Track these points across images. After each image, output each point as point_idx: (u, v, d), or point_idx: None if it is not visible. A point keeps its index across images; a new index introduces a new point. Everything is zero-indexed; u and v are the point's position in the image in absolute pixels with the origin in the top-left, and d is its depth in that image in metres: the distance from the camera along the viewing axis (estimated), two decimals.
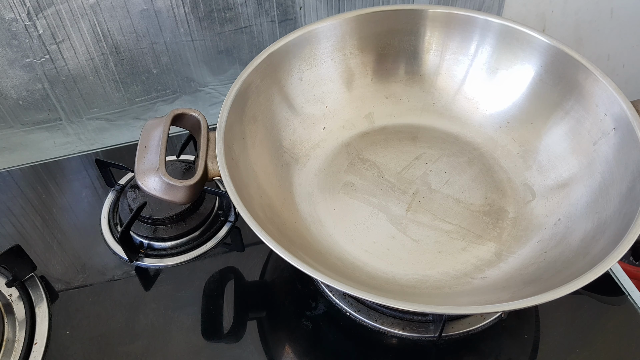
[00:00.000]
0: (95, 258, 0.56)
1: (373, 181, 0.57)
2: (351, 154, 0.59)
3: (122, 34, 0.62)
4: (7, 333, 0.49)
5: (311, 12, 0.67)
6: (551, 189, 0.53)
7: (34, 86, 0.63)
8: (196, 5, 0.62)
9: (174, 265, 0.55)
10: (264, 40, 0.68)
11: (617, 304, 0.52)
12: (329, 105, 0.60)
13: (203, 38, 0.65)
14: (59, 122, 0.68)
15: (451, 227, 0.52)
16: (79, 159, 0.67)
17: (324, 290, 0.52)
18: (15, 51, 0.59)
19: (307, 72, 0.58)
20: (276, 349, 0.50)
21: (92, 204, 0.61)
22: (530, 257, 0.49)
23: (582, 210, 0.49)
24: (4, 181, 0.65)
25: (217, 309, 0.52)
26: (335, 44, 0.58)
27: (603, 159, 0.49)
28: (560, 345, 0.49)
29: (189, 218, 0.57)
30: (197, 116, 0.48)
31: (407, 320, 0.49)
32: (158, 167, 0.43)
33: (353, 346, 0.49)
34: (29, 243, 0.58)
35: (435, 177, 0.57)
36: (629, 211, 0.42)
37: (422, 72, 0.61)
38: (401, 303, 0.36)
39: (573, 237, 0.47)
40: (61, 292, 0.53)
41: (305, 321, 0.51)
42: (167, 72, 0.68)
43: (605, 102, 0.49)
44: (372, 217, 0.53)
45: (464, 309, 0.42)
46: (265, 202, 0.49)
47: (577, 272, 0.38)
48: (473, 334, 0.49)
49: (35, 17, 0.57)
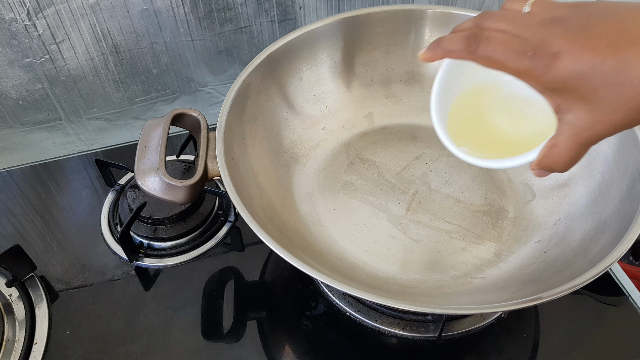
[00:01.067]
0: (95, 258, 0.56)
1: (373, 181, 0.57)
2: (351, 154, 0.59)
3: (122, 34, 0.62)
4: (7, 333, 0.49)
5: (311, 12, 0.67)
6: (551, 188, 0.53)
7: (34, 86, 0.63)
8: (196, 5, 0.62)
9: (174, 265, 0.55)
10: (263, 40, 0.68)
11: (617, 304, 0.52)
12: (329, 105, 0.60)
13: (203, 38, 0.65)
14: (59, 122, 0.68)
15: (451, 227, 0.52)
16: (78, 159, 0.67)
17: (324, 290, 0.52)
18: (15, 51, 0.59)
19: (307, 72, 0.58)
20: (276, 349, 0.50)
21: (92, 204, 0.61)
22: (530, 257, 0.49)
23: (582, 210, 0.49)
24: (4, 181, 0.65)
25: (217, 308, 0.52)
26: (335, 44, 0.58)
27: (603, 159, 0.49)
28: (560, 345, 0.49)
29: (189, 218, 0.57)
30: (197, 116, 0.48)
31: (407, 320, 0.49)
32: (158, 167, 0.43)
33: (353, 346, 0.49)
34: (29, 243, 0.58)
35: (435, 177, 0.57)
36: (628, 211, 0.42)
37: (422, 72, 0.61)
38: (401, 303, 0.36)
39: (573, 237, 0.47)
40: (61, 292, 0.53)
41: (305, 321, 0.51)
42: (167, 72, 0.68)
43: None
44: (372, 217, 0.53)
45: (464, 309, 0.42)
46: (265, 202, 0.49)
47: (577, 272, 0.38)
48: (473, 333, 0.49)
49: (35, 17, 0.57)
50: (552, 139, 0.28)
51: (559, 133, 0.28)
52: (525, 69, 0.27)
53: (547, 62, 0.26)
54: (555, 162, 0.29)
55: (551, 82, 0.26)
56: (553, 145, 0.28)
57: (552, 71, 0.26)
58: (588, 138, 0.27)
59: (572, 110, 0.27)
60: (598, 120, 0.26)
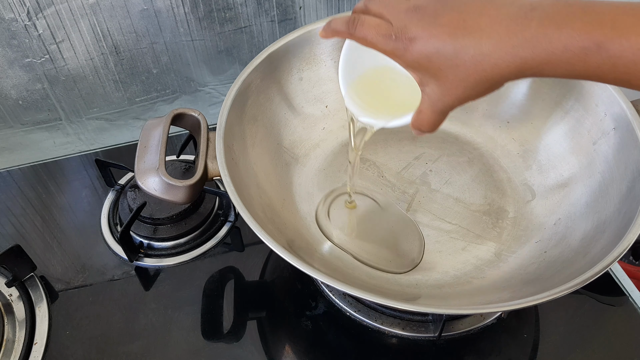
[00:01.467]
0: (95, 258, 0.56)
1: (373, 181, 0.57)
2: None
3: (122, 34, 0.62)
4: (7, 333, 0.49)
5: (311, 12, 0.67)
6: (551, 188, 0.53)
7: (34, 86, 0.63)
8: (196, 5, 0.62)
9: (174, 265, 0.55)
10: (263, 40, 0.68)
11: (617, 304, 0.52)
12: (329, 105, 0.60)
13: (203, 38, 0.65)
14: (59, 122, 0.68)
15: (451, 226, 0.52)
16: (78, 159, 0.67)
17: (324, 290, 0.52)
18: (15, 51, 0.59)
19: (307, 72, 0.58)
20: (276, 349, 0.50)
21: (92, 204, 0.61)
22: (530, 256, 0.49)
23: (582, 210, 0.49)
24: (4, 181, 0.65)
25: (217, 308, 0.52)
26: (335, 44, 0.58)
27: (603, 159, 0.49)
28: (560, 345, 0.49)
29: (189, 218, 0.57)
30: (197, 116, 0.48)
31: (407, 320, 0.49)
32: (158, 167, 0.43)
33: (353, 346, 0.49)
34: (29, 243, 0.58)
35: (435, 176, 0.57)
36: (628, 211, 0.42)
37: None
38: (401, 303, 0.36)
39: (573, 237, 0.47)
40: (61, 292, 0.53)
41: (305, 321, 0.51)
42: (167, 72, 0.68)
43: (605, 102, 0.49)
44: (372, 217, 0.53)
45: (464, 309, 0.42)
46: (265, 202, 0.49)
47: (577, 272, 0.38)
48: (473, 333, 0.49)
49: (35, 17, 0.57)
50: (419, 106, 0.34)
51: (422, 101, 0.34)
52: (391, 50, 0.32)
53: (405, 45, 0.31)
54: (422, 125, 0.35)
55: (410, 62, 0.32)
56: (419, 111, 0.34)
57: (409, 53, 0.31)
58: (441, 107, 0.33)
59: (428, 85, 0.32)
60: (445, 94, 0.32)
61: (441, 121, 0.34)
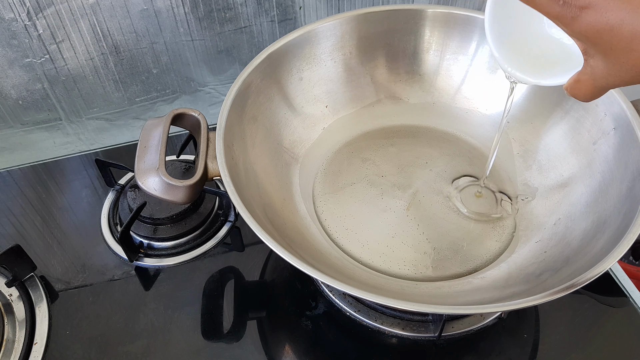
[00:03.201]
0: (95, 258, 0.56)
1: (373, 181, 0.57)
2: (351, 154, 0.59)
3: (122, 34, 0.62)
4: (7, 333, 0.49)
5: (311, 12, 0.67)
6: (551, 188, 0.53)
7: (34, 86, 0.63)
8: (196, 5, 0.62)
9: (174, 265, 0.55)
10: (263, 40, 0.68)
11: (617, 304, 0.52)
12: (329, 105, 0.60)
13: (203, 38, 0.65)
14: (59, 122, 0.68)
15: (451, 226, 0.52)
16: (78, 159, 0.67)
17: (324, 290, 0.52)
18: (15, 51, 0.59)
19: (307, 72, 0.58)
20: (276, 349, 0.50)
21: (92, 204, 0.61)
22: (530, 256, 0.49)
23: (582, 210, 0.49)
24: (4, 181, 0.65)
25: (217, 308, 0.52)
26: (335, 44, 0.58)
27: (603, 159, 0.49)
28: (560, 345, 0.49)
29: (189, 218, 0.57)
30: (197, 116, 0.48)
31: (407, 320, 0.49)
32: (158, 167, 0.43)
33: (353, 346, 0.49)
34: (29, 243, 0.58)
35: (435, 176, 0.57)
36: (628, 211, 0.42)
37: (422, 71, 0.61)
38: (401, 303, 0.36)
39: (573, 237, 0.47)
40: (61, 292, 0.53)
41: (305, 321, 0.51)
42: (167, 72, 0.68)
43: (605, 102, 0.49)
44: (372, 217, 0.53)
45: (464, 309, 0.42)
46: (265, 202, 0.49)
47: (576, 272, 0.38)
48: (473, 333, 0.49)
49: (35, 17, 0.57)
50: (578, 74, 0.32)
51: (582, 71, 0.31)
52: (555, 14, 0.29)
53: (574, 13, 0.28)
54: (578, 95, 0.33)
55: (576, 32, 0.29)
56: (577, 80, 0.32)
57: (577, 22, 0.28)
58: (604, 84, 0.30)
59: (594, 58, 0.29)
60: (611, 74, 0.29)
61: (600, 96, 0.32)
